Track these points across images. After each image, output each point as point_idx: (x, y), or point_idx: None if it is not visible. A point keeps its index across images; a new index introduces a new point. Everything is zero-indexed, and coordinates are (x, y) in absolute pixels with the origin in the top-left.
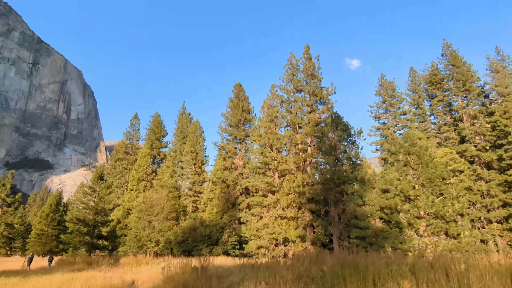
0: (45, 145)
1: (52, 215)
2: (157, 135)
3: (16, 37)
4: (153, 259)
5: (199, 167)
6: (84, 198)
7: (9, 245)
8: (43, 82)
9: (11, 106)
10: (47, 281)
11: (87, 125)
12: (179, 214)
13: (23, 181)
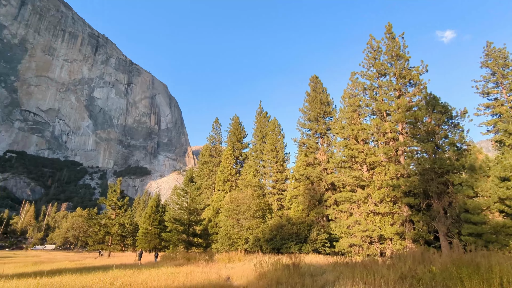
0: (142, 154)
1: (153, 216)
2: (237, 137)
3: (113, 63)
4: (244, 256)
5: (281, 165)
6: (178, 200)
7: (122, 242)
8: (136, 98)
9: (114, 122)
10: (155, 274)
11: (175, 133)
12: (265, 212)
13: (128, 187)
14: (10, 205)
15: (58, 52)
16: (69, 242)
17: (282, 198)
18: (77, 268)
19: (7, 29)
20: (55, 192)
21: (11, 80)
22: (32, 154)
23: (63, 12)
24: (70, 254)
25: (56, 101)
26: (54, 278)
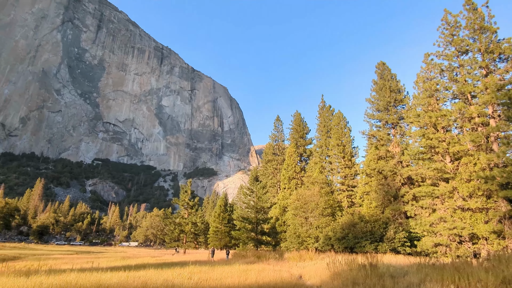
0: (208, 155)
1: (222, 215)
2: (300, 133)
3: (177, 72)
4: (315, 255)
5: (349, 160)
6: (245, 199)
7: (195, 240)
8: (200, 103)
9: (181, 127)
10: (228, 271)
11: (237, 134)
12: (334, 209)
13: (197, 187)
14: (99, 207)
15: (129, 68)
16: (149, 240)
17: (353, 195)
18: (158, 263)
19: (88, 52)
20: (134, 194)
21: (94, 96)
22: (114, 161)
23: (131, 30)
24: (150, 250)
25: (131, 112)
26: (140, 272)
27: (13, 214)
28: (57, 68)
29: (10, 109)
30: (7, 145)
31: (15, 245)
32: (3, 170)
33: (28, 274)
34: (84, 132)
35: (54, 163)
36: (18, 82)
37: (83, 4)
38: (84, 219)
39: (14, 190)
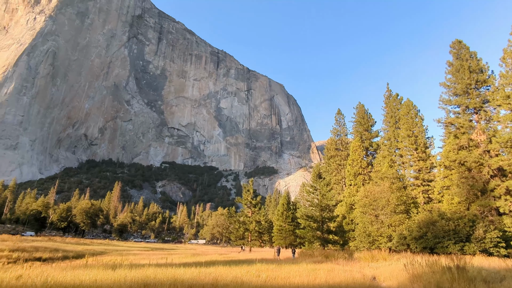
0: (268, 154)
1: (285, 213)
2: (364, 126)
3: (233, 73)
4: (389, 255)
5: (423, 152)
6: (308, 196)
7: (260, 238)
8: (257, 102)
9: (240, 128)
10: (295, 270)
11: (296, 131)
12: (408, 206)
13: (258, 186)
14: (169, 207)
15: (188, 74)
16: (216, 238)
17: (429, 190)
18: (226, 260)
19: (152, 63)
20: (200, 194)
21: (159, 104)
22: (179, 163)
23: (188, 38)
24: (217, 248)
25: (192, 116)
26: (210, 269)
27: (98, 214)
28: (126, 81)
29: (90, 121)
30: (89, 153)
31: (101, 241)
32: (88, 175)
33: (114, 268)
34: (152, 138)
35: (128, 168)
36: (95, 96)
37: (144, 20)
38: (156, 218)
39: (97, 193)
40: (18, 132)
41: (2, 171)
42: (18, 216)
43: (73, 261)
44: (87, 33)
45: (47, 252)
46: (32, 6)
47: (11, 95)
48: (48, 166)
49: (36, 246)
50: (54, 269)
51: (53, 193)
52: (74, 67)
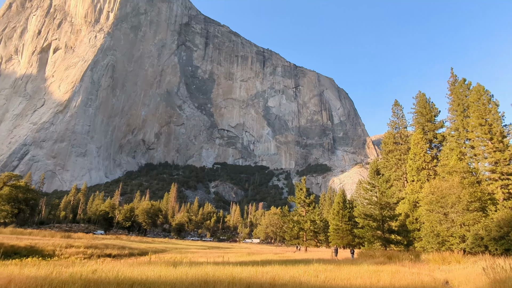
0: (320, 151)
1: (341, 212)
2: (426, 116)
3: (280, 71)
4: (463, 257)
5: (499, 141)
6: (366, 194)
7: (315, 237)
8: (305, 99)
9: (289, 126)
10: (356, 271)
11: (349, 126)
12: (484, 203)
13: (311, 185)
14: (222, 206)
15: (235, 76)
16: (270, 237)
17: (509, 184)
18: (281, 260)
19: (200, 68)
20: (252, 194)
21: (208, 107)
22: (230, 163)
23: (234, 40)
24: (272, 247)
25: (241, 117)
26: (266, 268)
27: (157, 214)
28: (177, 87)
29: (147, 127)
30: (148, 157)
31: (161, 240)
32: (147, 178)
33: (175, 265)
34: (204, 140)
35: (183, 169)
36: (151, 104)
37: (191, 27)
38: (211, 217)
39: (156, 194)
40: (86, 141)
41: (75, 176)
42: (90, 216)
43: (138, 258)
44: (140, 45)
45: (116, 249)
46: (93, 25)
47: (79, 107)
48: (113, 170)
49: (106, 243)
50: (123, 265)
51: (118, 195)
52: (130, 77)
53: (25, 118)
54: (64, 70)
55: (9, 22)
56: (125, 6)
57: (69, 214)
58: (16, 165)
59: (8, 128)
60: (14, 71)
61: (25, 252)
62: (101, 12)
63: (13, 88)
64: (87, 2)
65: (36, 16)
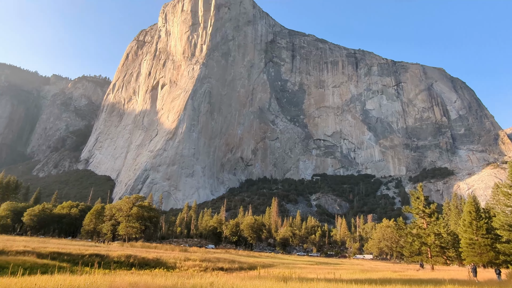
0: (436, 153)
1: (475, 223)
2: None
3: (376, 70)
4: None
5: None
6: (508, 201)
7: (443, 254)
8: (410, 96)
9: (393, 128)
10: None
11: (473, 120)
12: None
13: (430, 192)
14: (326, 220)
15: (326, 83)
16: (384, 252)
17: None
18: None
19: (289, 81)
20: (358, 205)
21: (301, 118)
22: (330, 174)
23: (321, 48)
24: (388, 264)
25: (336, 124)
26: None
27: (261, 228)
28: (268, 103)
29: (244, 145)
30: (247, 173)
31: (267, 254)
32: (248, 193)
33: (285, 280)
34: (300, 152)
35: (282, 183)
36: (245, 122)
37: (277, 43)
38: (315, 231)
39: (258, 209)
40: (192, 162)
41: (186, 194)
42: (201, 231)
43: (248, 272)
44: (231, 69)
45: (227, 263)
46: (190, 59)
47: (184, 133)
48: (217, 188)
49: (218, 257)
50: (235, 278)
51: (223, 211)
52: (225, 100)
53: (144, 147)
54: (171, 102)
55: (128, 69)
56: (215, 37)
57: (183, 229)
58: (140, 188)
59: (132, 157)
60: (133, 109)
61: (153, 263)
62: (195, 47)
63: (134, 123)
64: (184, 40)
65: (146, 60)
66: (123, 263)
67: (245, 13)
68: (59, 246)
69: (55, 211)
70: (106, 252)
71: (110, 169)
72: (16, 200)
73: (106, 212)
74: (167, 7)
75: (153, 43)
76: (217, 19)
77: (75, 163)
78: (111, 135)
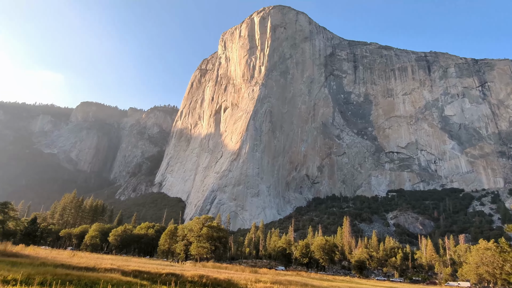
0: None
1: None
2: None
3: (453, 72)
4: None
5: None
6: None
7: None
8: (500, 97)
9: (482, 134)
10: None
11: None
12: None
13: None
14: (408, 240)
15: (395, 91)
16: (485, 280)
17: None
18: None
19: (352, 93)
20: (445, 224)
21: (369, 131)
22: (408, 189)
23: (386, 55)
24: None
25: (411, 134)
26: None
27: (333, 250)
28: (331, 117)
29: (308, 162)
30: (314, 191)
31: (342, 278)
32: (316, 212)
33: None
34: (371, 167)
35: (353, 201)
36: (308, 139)
37: (336, 55)
38: (396, 254)
39: (328, 229)
40: (257, 182)
41: (253, 214)
42: (270, 252)
43: None
44: (290, 86)
45: (299, 286)
46: (249, 81)
47: (248, 153)
48: (283, 207)
49: (289, 280)
50: None
51: (291, 231)
52: (286, 118)
53: (211, 169)
54: (233, 124)
55: (193, 97)
56: (273, 57)
57: (252, 250)
58: (208, 208)
59: (200, 179)
60: (199, 133)
61: (225, 284)
62: (254, 69)
63: (200, 147)
64: (243, 64)
65: (209, 87)
66: (196, 282)
67: (301, 30)
68: (139, 265)
69: (134, 232)
70: (180, 271)
71: (181, 191)
72: (103, 222)
73: (179, 233)
74: (226, 35)
75: (214, 70)
76: (274, 39)
77: (150, 186)
78: (181, 159)
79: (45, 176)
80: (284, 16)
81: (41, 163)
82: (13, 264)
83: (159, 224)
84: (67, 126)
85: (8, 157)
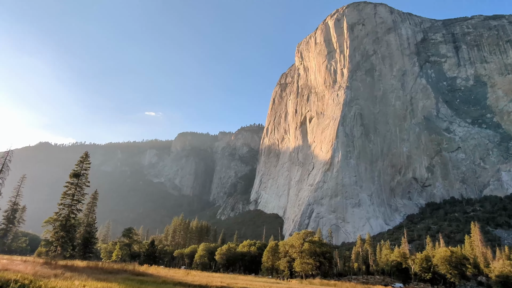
0: None
1: None
2: None
3: None
4: None
5: None
6: None
7: None
8: None
9: None
10: None
11: None
12: None
13: None
14: None
15: None
16: None
17: None
18: None
19: (458, 77)
20: None
21: (488, 118)
22: None
23: (494, 26)
24: None
25: None
26: None
27: (463, 262)
28: (435, 109)
29: (414, 163)
30: (426, 195)
31: None
32: (433, 219)
33: None
34: (498, 160)
35: (480, 203)
36: (410, 137)
37: (430, 40)
38: None
39: (451, 238)
40: (356, 191)
41: (356, 226)
42: (382, 267)
43: None
44: (379, 84)
45: None
46: (332, 86)
47: (341, 161)
48: (391, 216)
49: None
50: None
51: (405, 242)
52: (379, 118)
53: (303, 182)
54: (321, 133)
55: (276, 112)
56: (354, 57)
57: (361, 265)
58: (307, 223)
59: (294, 193)
60: (287, 147)
61: None
62: (335, 73)
63: (290, 161)
64: (322, 70)
65: (291, 100)
66: None
67: (382, 22)
68: (247, 282)
69: (238, 250)
70: None
71: (276, 207)
72: (208, 241)
73: (280, 249)
74: (301, 45)
75: (294, 82)
76: (353, 39)
77: (247, 204)
78: (272, 175)
79: (157, 203)
80: (360, 12)
81: (152, 192)
82: (141, 283)
83: (260, 241)
84: (169, 157)
85: (128, 189)
